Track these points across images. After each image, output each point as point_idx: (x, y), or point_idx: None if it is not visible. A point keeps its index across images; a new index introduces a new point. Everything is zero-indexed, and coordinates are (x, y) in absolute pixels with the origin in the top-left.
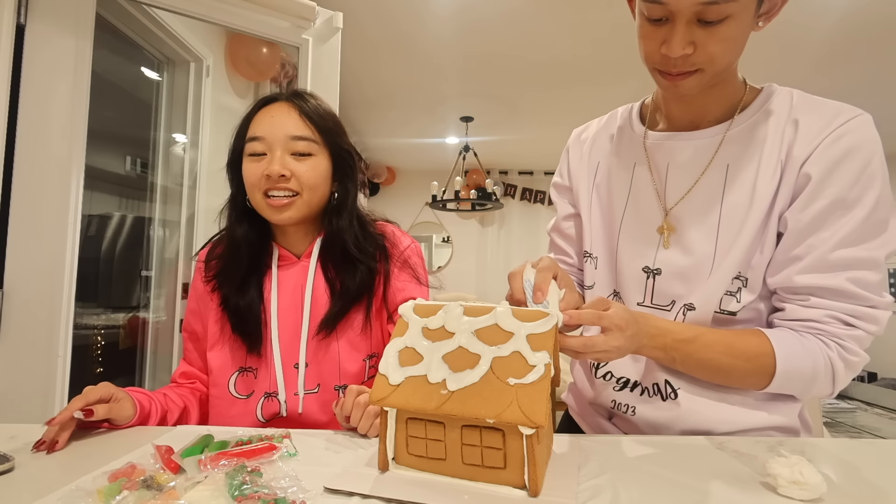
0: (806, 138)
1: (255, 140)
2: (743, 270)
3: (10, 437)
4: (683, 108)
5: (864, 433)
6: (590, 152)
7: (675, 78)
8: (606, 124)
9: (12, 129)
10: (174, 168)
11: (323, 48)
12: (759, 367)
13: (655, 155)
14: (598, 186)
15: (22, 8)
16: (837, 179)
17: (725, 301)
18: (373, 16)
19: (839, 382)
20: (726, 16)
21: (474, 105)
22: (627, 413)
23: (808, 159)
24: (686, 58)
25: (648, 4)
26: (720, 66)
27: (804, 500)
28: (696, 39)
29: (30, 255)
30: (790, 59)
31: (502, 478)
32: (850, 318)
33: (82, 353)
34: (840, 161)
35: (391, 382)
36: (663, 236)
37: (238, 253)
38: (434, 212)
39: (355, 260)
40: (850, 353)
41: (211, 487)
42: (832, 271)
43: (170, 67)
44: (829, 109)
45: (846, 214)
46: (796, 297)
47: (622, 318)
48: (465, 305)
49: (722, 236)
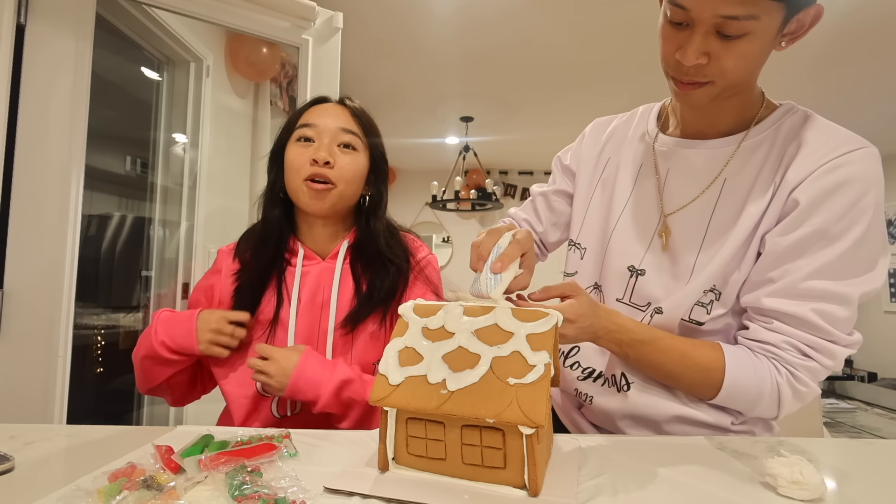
0: (803, 163)
1: (307, 126)
2: (718, 285)
3: (9, 437)
4: (695, 115)
5: (864, 433)
6: (604, 146)
7: (685, 87)
8: (626, 122)
9: (12, 128)
10: (174, 168)
11: (323, 48)
12: (707, 380)
13: (662, 159)
14: (603, 181)
15: (22, 8)
16: (825, 210)
17: (696, 311)
18: (373, 16)
19: (784, 408)
20: (745, 32)
21: (474, 105)
22: (586, 402)
23: (800, 185)
24: (699, 68)
25: (672, 7)
26: (731, 81)
27: (804, 500)
28: (712, 51)
29: (30, 255)
30: (787, 60)
31: (502, 478)
32: (807, 349)
33: (82, 353)
34: (832, 192)
35: (391, 382)
36: (662, 240)
37: (269, 238)
38: (434, 212)
39: (387, 261)
40: (799, 383)
41: (211, 487)
42: (800, 299)
43: (170, 67)
44: (835, 137)
45: (827, 246)
46: (762, 318)
47: (575, 311)
48: (465, 305)
49: (704, 249)
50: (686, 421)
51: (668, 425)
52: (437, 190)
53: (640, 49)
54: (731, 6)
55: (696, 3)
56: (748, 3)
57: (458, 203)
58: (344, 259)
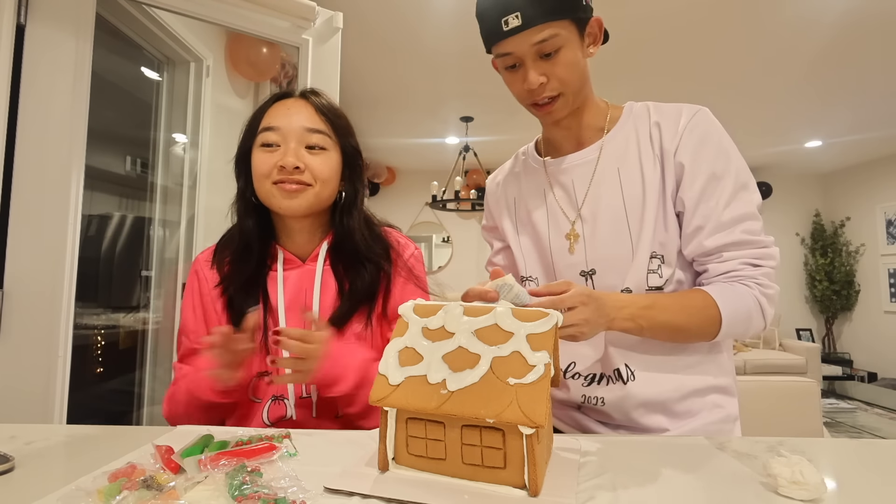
0: (668, 135)
1: (269, 130)
2: (657, 249)
3: (10, 437)
4: (564, 134)
5: (864, 433)
6: (505, 192)
7: (544, 107)
8: (512, 166)
9: (12, 128)
10: (174, 168)
11: (323, 48)
12: (709, 318)
13: (557, 176)
14: (520, 219)
15: (22, 8)
16: (704, 159)
17: (651, 279)
18: (373, 16)
19: (767, 315)
20: (559, 46)
21: (474, 105)
22: (598, 405)
23: (677, 150)
24: (543, 86)
25: (502, 58)
26: (573, 87)
27: (804, 500)
28: (546, 71)
29: (30, 255)
30: (785, 62)
31: (502, 478)
32: (755, 261)
33: (82, 353)
34: (701, 144)
35: (391, 382)
36: (570, 242)
37: (250, 249)
38: (434, 212)
39: (365, 260)
40: (766, 288)
41: (211, 487)
42: (729, 229)
43: (170, 67)
44: (678, 108)
45: (720, 183)
46: (711, 257)
47: (582, 293)
48: (464, 305)
49: (632, 224)
50: (692, 393)
51: (677, 404)
52: (437, 190)
53: (638, 49)
54: (537, 33)
55: (514, 45)
56: (547, 27)
57: (458, 203)
58: (325, 261)
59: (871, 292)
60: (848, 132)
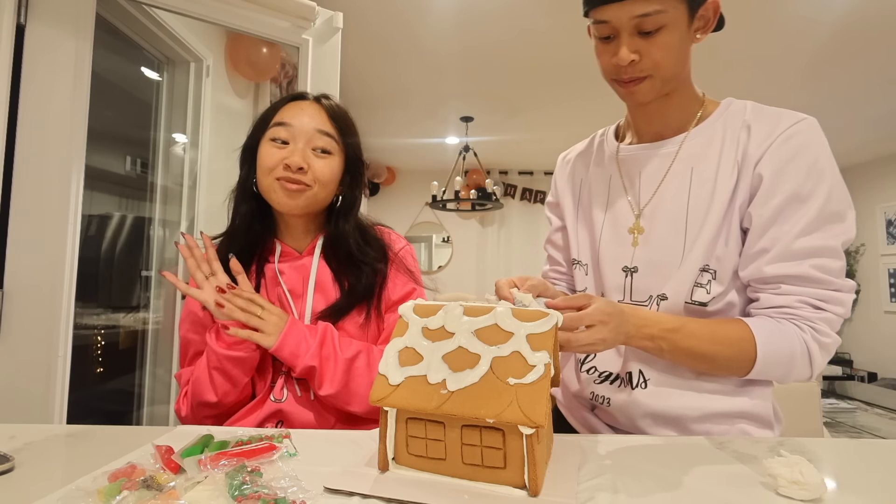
0: (757, 141)
1: (281, 125)
2: (710, 262)
3: (10, 437)
4: (647, 119)
5: (864, 433)
6: (573, 172)
7: (628, 85)
8: (587, 145)
9: (12, 129)
10: (174, 168)
11: (323, 48)
12: (741, 353)
13: (627, 165)
14: (581, 201)
15: (22, 8)
16: (790, 176)
17: (696, 292)
18: (373, 16)
19: (816, 365)
20: (661, 25)
21: (474, 105)
22: (604, 404)
23: (761, 160)
24: (634, 65)
25: (597, 25)
26: (666, 71)
27: (804, 500)
28: (640, 49)
29: (30, 255)
30: (782, 66)
31: (502, 478)
32: (818, 302)
33: (82, 353)
34: (790, 160)
35: (391, 382)
36: (633, 236)
37: (244, 231)
38: (434, 212)
39: (359, 262)
40: (822, 335)
41: (211, 487)
42: (797, 259)
43: (170, 67)
44: (777, 115)
45: (802, 207)
46: (768, 286)
47: (603, 311)
48: (464, 305)
49: (689, 230)
50: (716, 415)
51: (694, 423)
52: (437, 190)
53: None
54: (641, 6)
55: (613, 13)
56: (654, 1)
57: (458, 203)
58: (320, 254)
59: (871, 292)
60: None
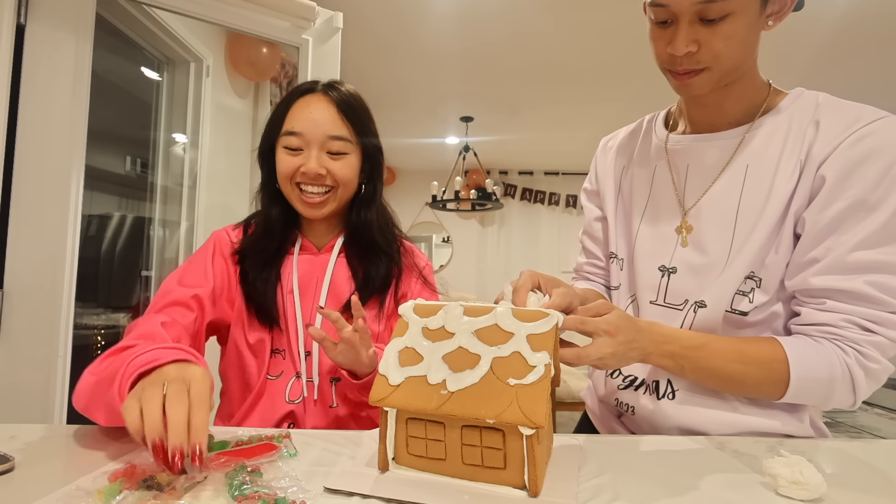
0: (825, 139)
1: (291, 135)
2: (756, 270)
3: (10, 437)
4: (702, 110)
5: (864, 433)
6: (615, 158)
7: (682, 77)
8: (633, 131)
9: (12, 129)
10: (174, 168)
11: (323, 48)
12: (773, 375)
13: (675, 157)
14: (622, 190)
15: (22, 8)
16: (858, 181)
17: (737, 300)
18: (373, 16)
19: (860, 392)
20: (727, 13)
21: (474, 105)
22: (628, 412)
23: (826, 161)
24: (691, 56)
25: (654, 8)
26: (726, 64)
27: (804, 500)
28: (700, 38)
29: (30, 255)
30: (785, 62)
31: (502, 478)
32: (869, 324)
33: (82, 353)
34: (861, 162)
35: (391, 383)
36: (681, 235)
37: (271, 234)
38: (434, 212)
39: (380, 251)
40: (869, 360)
41: (211, 487)
42: (850, 274)
43: (170, 67)
44: (853, 111)
45: (867, 217)
46: (813, 300)
47: (611, 323)
48: (465, 305)
49: (737, 234)
50: (751, 435)
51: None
52: (437, 190)
53: (641, 49)
54: None
55: None
56: None
57: (458, 203)
58: (339, 252)
59: None
60: None
